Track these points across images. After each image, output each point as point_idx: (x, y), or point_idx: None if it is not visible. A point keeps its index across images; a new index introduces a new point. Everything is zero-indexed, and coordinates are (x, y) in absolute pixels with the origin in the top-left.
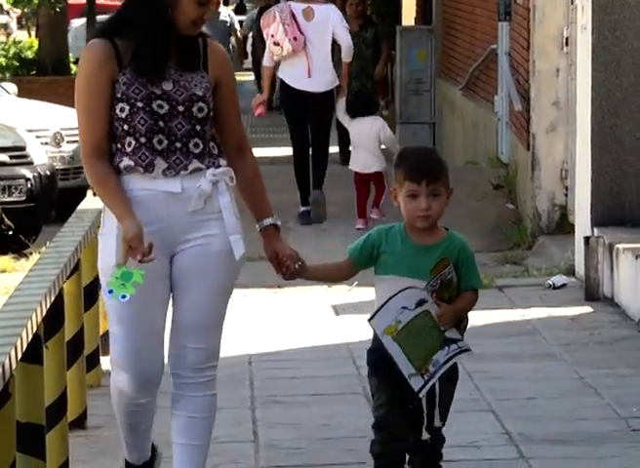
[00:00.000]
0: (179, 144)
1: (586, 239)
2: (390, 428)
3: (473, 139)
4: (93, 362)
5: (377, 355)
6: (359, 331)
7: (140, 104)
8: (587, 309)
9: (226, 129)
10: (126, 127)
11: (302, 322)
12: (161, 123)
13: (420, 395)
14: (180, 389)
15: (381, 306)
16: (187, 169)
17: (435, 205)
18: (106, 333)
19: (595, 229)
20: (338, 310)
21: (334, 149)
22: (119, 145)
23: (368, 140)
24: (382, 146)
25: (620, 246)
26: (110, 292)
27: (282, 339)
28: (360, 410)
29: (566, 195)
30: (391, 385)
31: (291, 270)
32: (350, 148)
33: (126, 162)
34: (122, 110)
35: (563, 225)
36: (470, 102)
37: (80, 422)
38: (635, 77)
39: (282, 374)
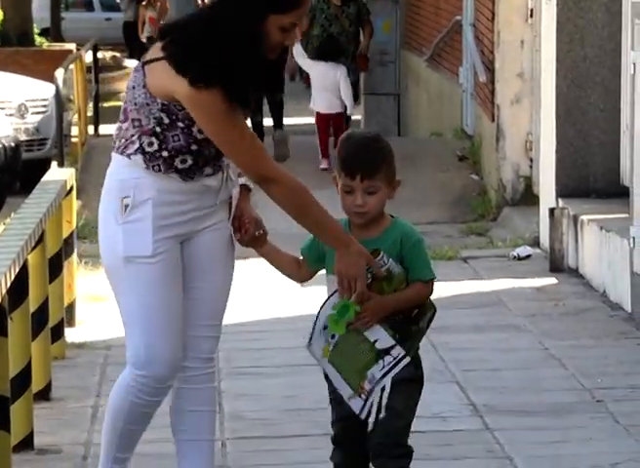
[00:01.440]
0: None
1: (551, 210)
2: (344, 445)
3: (438, 111)
4: (57, 334)
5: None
6: None
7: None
8: (552, 280)
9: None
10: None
11: (268, 293)
12: (194, 146)
13: (362, 416)
14: (186, 383)
15: (314, 326)
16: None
17: (372, 200)
18: (72, 305)
19: (560, 201)
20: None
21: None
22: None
23: (332, 84)
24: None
25: (584, 217)
26: (325, 327)
27: (247, 311)
28: (324, 382)
29: (531, 166)
30: (341, 403)
31: (250, 234)
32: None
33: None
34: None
35: (528, 197)
36: (435, 74)
37: (44, 394)
38: (599, 49)
39: (247, 346)
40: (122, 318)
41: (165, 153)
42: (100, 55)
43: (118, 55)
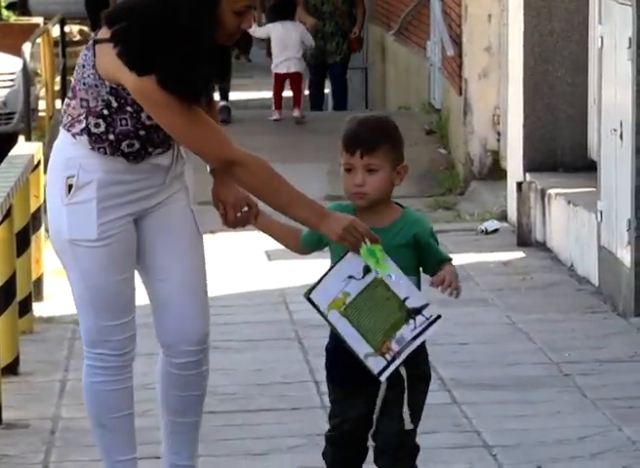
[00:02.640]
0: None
1: (519, 184)
2: (344, 446)
3: (406, 85)
4: (25, 308)
5: (335, 357)
6: (292, 276)
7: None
8: (519, 254)
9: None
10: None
11: (235, 267)
12: (142, 131)
13: (382, 378)
14: (174, 368)
15: (322, 277)
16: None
17: (372, 181)
18: (39, 280)
19: (527, 175)
20: (270, 255)
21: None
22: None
23: (292, 44)
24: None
25: (552, 191)
26: (368, 270)
27: (214, 285)
28: (293, 356)
29: (498, 140)
30: (351, 398)
31: (231, 217)
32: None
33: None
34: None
35: (495, 171)
36: (403, 48)
37: (12, 368)
38: (567, 23)
39: (215, 321)
40: (73, 298)
41: (111, 136)
42: (67, 29)
43: (85, 29)
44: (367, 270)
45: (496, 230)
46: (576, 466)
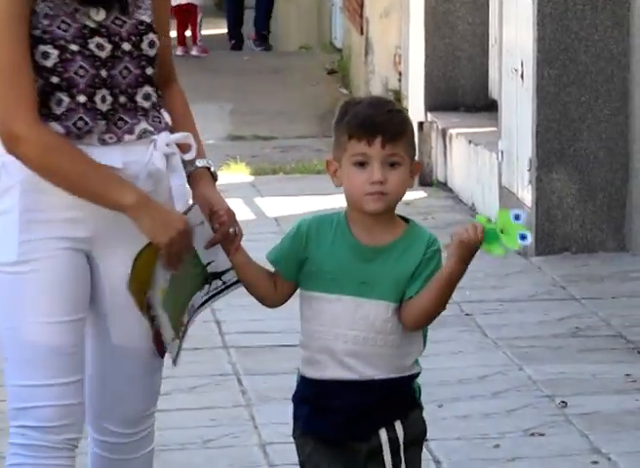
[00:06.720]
0: (123, 99)
1: (420, 124)
2: None
3: (307, 24)
4: None
5: (308, 404)
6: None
7: (73, 47)
8: (421, 194)
9: (160, 58)
10: (55, 80)
11: None
12: (103, 72)
13: (174, 363)
14: (109, 451)
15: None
16: (133, 132)
17: (394, 178)
18: None
19: (428, 114)
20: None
21: None
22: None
23: None
24: None
25: (453, 131)
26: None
27: None
28: None
29: (399, 80)
30: (334, 453)
31: (224, 228)
32: None
33: (54, 128)
34: (46, 56)
35: None
36: None
37: None
38: None
39: None
40: None
41: None
42: None
43: None
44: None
45: None
46: (477, 405)
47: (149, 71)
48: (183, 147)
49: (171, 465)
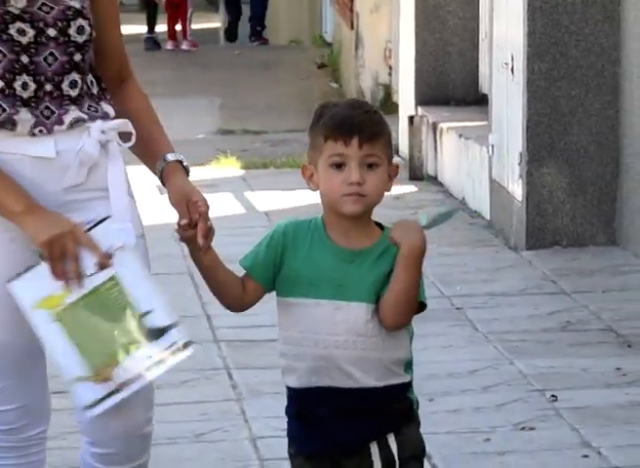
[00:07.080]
0: (49, 87)
1: (410, 118)
2: None
3: (297, 18)
4: None
5: (296, 420)
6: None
7: None
8: (412, 188)
9: (107, 52)
10: None
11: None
12: (24, 58)
13: (95, 412)
14: (99, 462)
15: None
16: (63, 123)
17: (372, 180)
18: None
19: (419, 108)
20: (162, 190)
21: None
22: None
23: None
24: None
25: (443, 125)
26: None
27: None
28: (186, 291)
29: (390, 74)
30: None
31: (204, 216)
32: None
33: None
34: None
35: (387, 104)
36: None
37: None
38: None
39: None
40: None
41: None
42: None
43: None
44: (103, 265)
45: None
46: (467, 399)
47: (77, 58)
48: (160, 151)
49: (161, 459)
